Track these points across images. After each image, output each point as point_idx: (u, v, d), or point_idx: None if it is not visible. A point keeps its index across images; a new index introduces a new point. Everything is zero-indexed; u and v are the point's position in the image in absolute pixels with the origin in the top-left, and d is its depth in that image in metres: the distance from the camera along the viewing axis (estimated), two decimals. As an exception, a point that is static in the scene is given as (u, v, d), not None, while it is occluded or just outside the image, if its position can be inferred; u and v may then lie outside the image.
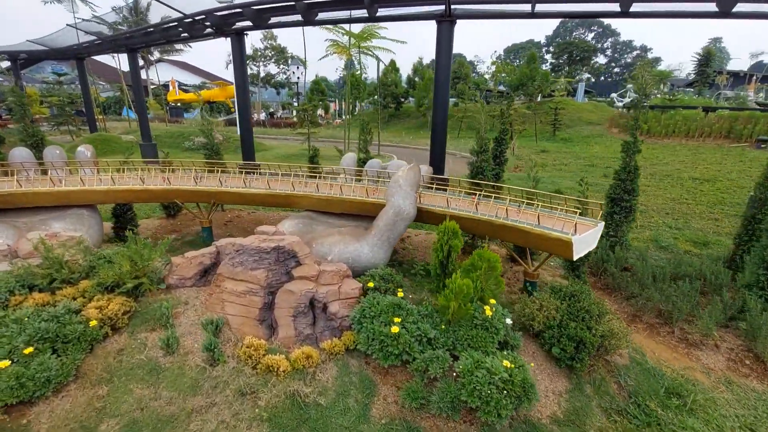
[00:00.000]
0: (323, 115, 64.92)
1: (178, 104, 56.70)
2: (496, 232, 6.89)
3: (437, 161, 12.66)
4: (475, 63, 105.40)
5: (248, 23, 16.08)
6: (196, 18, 16.35)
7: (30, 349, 4.41)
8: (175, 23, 18.15)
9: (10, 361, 4.29)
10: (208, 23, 16.44)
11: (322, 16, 14.74)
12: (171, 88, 53.75)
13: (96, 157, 9.65)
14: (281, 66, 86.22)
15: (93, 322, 4.87)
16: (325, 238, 7.02)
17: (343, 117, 63.54)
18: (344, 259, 6.72)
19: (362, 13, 14.30)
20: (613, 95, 60.96)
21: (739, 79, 50.38)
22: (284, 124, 49.98)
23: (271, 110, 72.27)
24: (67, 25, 24.76)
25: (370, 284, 5.97)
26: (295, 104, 75.79)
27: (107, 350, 4.93)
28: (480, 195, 7.81)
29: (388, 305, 5.39)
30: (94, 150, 9.63)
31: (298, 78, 55.34)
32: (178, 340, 4.95)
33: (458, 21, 11.59)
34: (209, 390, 4.62)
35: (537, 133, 35.11)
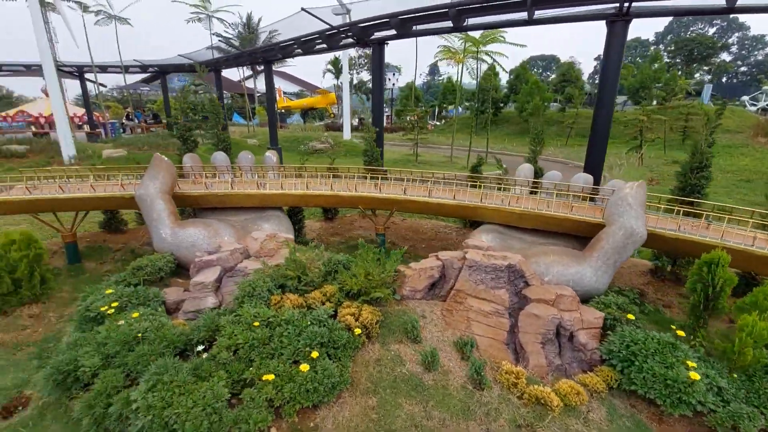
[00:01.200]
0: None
1: (281, 110, 61.16)
2: None
3: (595, 169, 11.63)
4: (575, 65, 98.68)
5: (390, 33, 16.42)
6: (340, 30, 17.10)
7: (316, 354, 4.57)
8: (316, 36, 19.20)
9: (308, 366, 4.45)
10: (349, 34, 17.08)
11: (471, 21, 14.46)
12: (278, 96, 58.10)
13: (279, 163, 10.35)
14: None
15: (357, 330, 4.95)
16: (539, 256, 6.58)
17: (434, 122, 63.33)
18: (564, 282, 6.21)
19: (515, 16, 13.73)
20: (745, 98, 52.60)
21: None
22: (389, 130, 51.02)
23: (362, 116, 74.58)
24: (218, 40, 27.55)
25: (630, 316, 5.38)
26: (386, 111, 77.33)
27: (365, 359, 4.99)
28: (709, 217, 6.79)
29: (661, 343, 4.76)
30: (278, 155, 10.34)
31: (393, 84, 56.13)
32: (438, 357, 4.83)
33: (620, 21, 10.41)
34: (482, 417, 4.40)
35: (665, 141, 31.38)
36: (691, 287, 5.30)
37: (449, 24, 14.30)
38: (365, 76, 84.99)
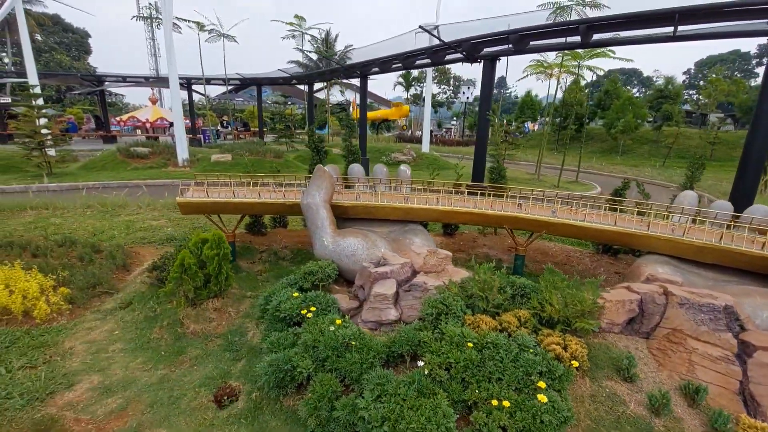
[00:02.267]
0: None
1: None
2: None
3: (747, 195, 10.52)
4: (654, 79, 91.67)
5: (502, 48, 16.27)
6: (451, 45, 17.24)
7: (543, 384, 4.46)
8: (422, 51, 19.56)
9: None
10: (459, 50, 17.15)
11: (598, 37, 13.88)
12: (352, 108, 60.15)
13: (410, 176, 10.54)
14: (442, 86, 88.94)
15: (575, 363, 4.77)
16: (741, 297, 5.97)
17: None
18: (777, 328, 5.56)
19: (657, 31, 13.00)
20: None
21: None
22: (455, 143, 50.81)
23: (448, 127, 75.00)
24: (305, 56, 29.02)
25: None
26: (453, 123, 76.97)
27: (578, 394, 4.78)
28: None
29: None
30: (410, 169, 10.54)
31: (468, 98, 55.72)
32: (670, 401, 4.50)
33: None
34: (735, 475, 4.01)
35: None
36: None
37: (576, 39, 13.85)
38: (435, 89, 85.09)
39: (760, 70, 75.59)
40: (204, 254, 7.31)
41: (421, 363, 4.77)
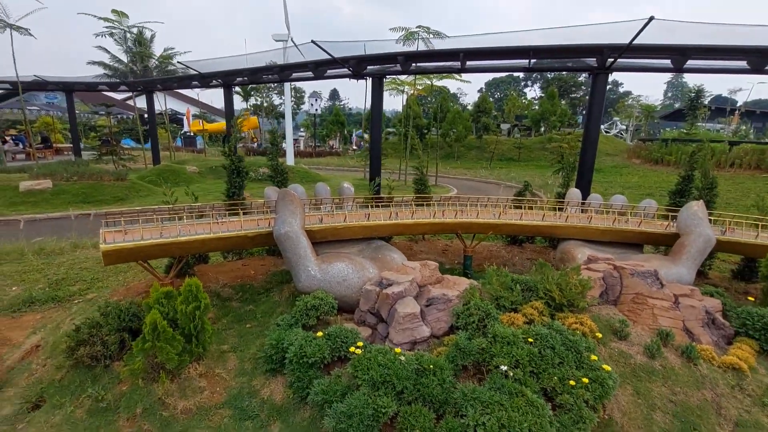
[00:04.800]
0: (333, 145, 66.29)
1: (193, 133, 56.55)
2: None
3: (586, 186, 14.19)
4: (458, 95, 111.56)
5: (389, 67, 17.57)
6: (338, 61, 17.62)
7: (595, 357, 5.38)
8: (303, 64, 19.35)
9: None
10: (347, 66, 17.72)
11: (471, 64, 16.41)
12: (190, 119, 53.68)
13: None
14: (282, 97, 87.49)
15: (599, 335, 5.87)
16: (646, 263, 8.29)
17: (354, 147, 65.19)
18: (671, 280, 8.02)
19: (516, 62, 16.10)
20: (602, 126, 66.52)
21: (717, 112, 56.17)
22: (314, 154, 50.88)
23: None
24: (138, 60, 25.23)
25: (751, 298, 7.28)
26: (302, 134, 76.86)
27: (602, 357, 5.92)
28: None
29: (780, 314, 6.72)
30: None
31: (316, 110, 56.65)
32: (660, 347, 6.03)
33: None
34: (708, 385, 5.72)
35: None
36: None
37: (456, 64, 16.08)
38: (276, 99, 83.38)
39: (527, 90, 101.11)
40: (178, 310, 5.86)
41: (503, 368, 5.11)
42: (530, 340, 5.53)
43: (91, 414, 5.60)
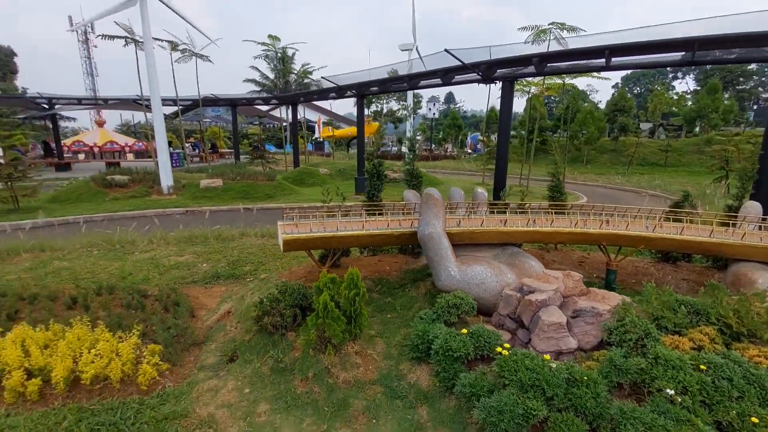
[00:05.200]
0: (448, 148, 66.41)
1: (322, 139, 62.70)
2: None
3: None
4: (587, 92, 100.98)
5: (521, 70, 17.14)
6: (468, 67, 17.81)
7: (790, 398, 4.68)
8: (432, 72, 20.00)
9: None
10: (477, 71, 17.79)
11: (616, 60, 15.03)
12: (320, 126, 59.76)
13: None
14: (401, 102, 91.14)
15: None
16: None
17: (468, 151, 64.38)
18: None
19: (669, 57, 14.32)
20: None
21: None
22: (430, 158, 51.95)
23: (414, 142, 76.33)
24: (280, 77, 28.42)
25: None
26: (418, 137, 78.91)
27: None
28: None
29: None
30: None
31: (434, 114, 57.53)
32: None
33: None
34: None
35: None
36: None
37: (598, 62, 14.93)
38: (394, 105, 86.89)
39: (676, 83, 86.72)
40: (342, 295, 6.84)
41: (670, 392, 4.80)
42: (702, 367, 5.03)
43: (273, 371, 6.90)
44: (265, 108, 65.92)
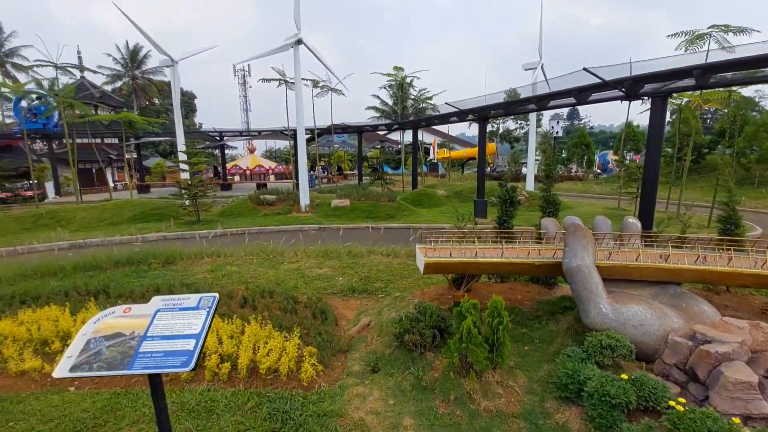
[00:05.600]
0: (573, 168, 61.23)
1: (438, 161, 63.83)
2: None
3: None
4: (757, 99, 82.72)
5: (678, 84, 15.23)
6: (609, 84, 16.48)
7: None
8: (566, 92, 19.00)
9: None
10: (620, 87, 16.33)
11: None
12: (435, 148, 61.05)
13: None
14: (519, 122, 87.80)
15: None
16: None
17: (597, 171, 58.24)
18: None
19: None
20: None
21: None
22: (561, 179, 48.81)
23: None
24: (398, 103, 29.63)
25: None
26: (537, 158, 74.69)
27: None
28: None
29: None
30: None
31: (557, 132, 53.86)
32: None
33: None
34: None
35: None
36: None
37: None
38: (511, 124, 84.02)
39: None
40: (485, 322, 6.95)
41: None
42: None
43: (414, 388, 7.29)
44: (382, 132, 70.41)
